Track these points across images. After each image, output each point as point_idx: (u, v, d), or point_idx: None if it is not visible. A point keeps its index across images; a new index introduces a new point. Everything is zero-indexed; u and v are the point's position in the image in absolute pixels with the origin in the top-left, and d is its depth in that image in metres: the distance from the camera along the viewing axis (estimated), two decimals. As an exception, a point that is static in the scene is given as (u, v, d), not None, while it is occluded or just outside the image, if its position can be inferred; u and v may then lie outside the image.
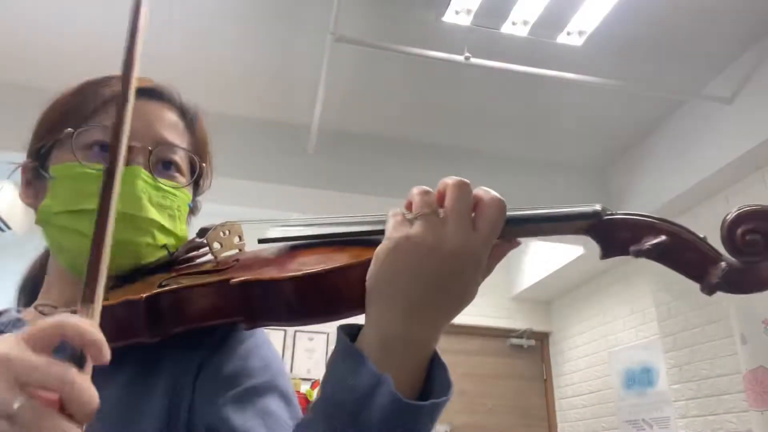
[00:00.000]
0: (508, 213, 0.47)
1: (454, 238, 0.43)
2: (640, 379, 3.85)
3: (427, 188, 0.46)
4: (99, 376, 0.54)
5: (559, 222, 0.48)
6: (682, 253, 0.45)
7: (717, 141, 2.96)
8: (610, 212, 0.47)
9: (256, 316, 0.50)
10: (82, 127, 0.63)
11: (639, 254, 0.44)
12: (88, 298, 0.38)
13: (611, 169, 3.84)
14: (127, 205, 0.60)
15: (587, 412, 4.50)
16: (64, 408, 0.32)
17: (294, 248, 0.58)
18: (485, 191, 0.46)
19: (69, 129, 0.63)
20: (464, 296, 0.45)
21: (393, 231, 0.45)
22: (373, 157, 3.50)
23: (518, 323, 5.17)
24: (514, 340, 5.15)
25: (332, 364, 0.44)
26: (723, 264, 0.44)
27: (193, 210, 0.73)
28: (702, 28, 2.69)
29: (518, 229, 0.48)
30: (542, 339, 5.25)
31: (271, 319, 0.49)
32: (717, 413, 3.04)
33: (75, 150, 0.62)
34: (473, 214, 0.45)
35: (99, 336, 0.34)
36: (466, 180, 0.45)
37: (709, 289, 0.43)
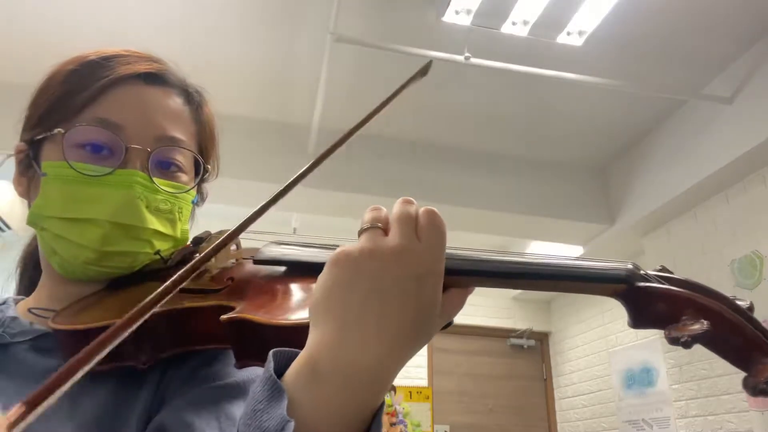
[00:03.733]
0: (525, 265, 0.42)
1: (394, 240, 0.38)
2: (640, 379, 3.85)
3: (379, 206, 0.42)
4: (84, 381, 0.53)
5: (580, 282, 0.41)
6: (726, 339, 0.38)
7: (717, 141, 2.96)
8: (643, 274, 0.41)
9: (245, 354, 0.47)
10: (75, 122, 0.58)
11: (676, 343, 0.37)
12: (32, 402, 0.32)
13: (611, 169, 3.84)
14: (124, 215, 0.57)
15: (587, 412, 4.50)
16: None
17: (291, 274, 0.54)
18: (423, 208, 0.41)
19: (59, 129, 0.58)
20: (410, 319, 0.37)
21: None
22: (373, 157, 3.50)
23: (518, 323, 5.17)
24: (514, 340, 5.15)
25: (253, 394, 0.37)
26: None
27: (198, 203, 0.69)
28: (702, 28, 2.69)
29: (530, 282, 0.43)
30: (542, 339, 5.25)
31: (263, 360, 0.43)
32: (717, 413, 3.04)
33: (65, 150, 0.57)
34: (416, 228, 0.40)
35: None
36: (410, 198, 0.42)
37: (753, 391, 0.36)
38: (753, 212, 2.91)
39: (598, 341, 4.47)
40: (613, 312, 4.29)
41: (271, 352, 0.38)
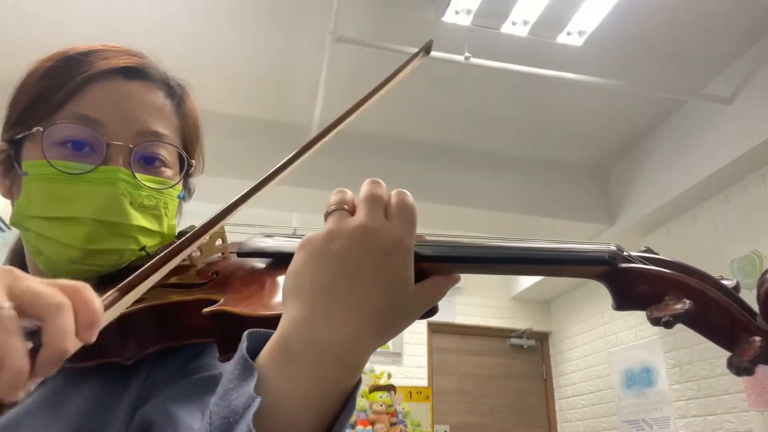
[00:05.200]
0: (503, 250, 0.41)
1: (358, 219, 0.39)
2: (640, 379, 3.85)
3: (343, 189, 0.42)
4: (71, 378, 0.53)
5: (563, 265, 0.41)
6: (709, 319, 0.37)
7: (717, 141, 2.96)
8: (626, 255, 0.40)
9: (228, 347, 0.47)
10: (54, 120, 0.57)
11: (657, 323, 0.36)
12: (124, 289, 0.36)
13: (611, 169, 3.84)
14: (108, 212, 0.56)
15: (587, 412, 4.50)
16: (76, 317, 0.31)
17: (276, 266, 0.54)
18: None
19: (38, 128, 0.57)
20: (380, 296, 0.37)
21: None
22: (373, 157, 3.50)
23: (518, 323, 5.17)
24: (514, 340, 5.15)
25: (226, 374, 0.37)
26: (757, 340, 0.36)
27: (184, 197, 0.68)
28: (702, 28, 2.69)
29: (512, 267, 0.42)
30: (542, 339, 5.25)
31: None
32: (717, 413, 3.04)
33: (45, 149, 0.56)
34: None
35: (100, 318, 0.33)
36: (378, 179, 0.42)
37: (736, 370, 0.36)
38: (753, 212, 2.91)
39: (598, 341, 4.47)
40: (613, 312, 4.29)
41: (245, 333, 0.38)
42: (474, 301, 5.05)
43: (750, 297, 0.39)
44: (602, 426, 4.28)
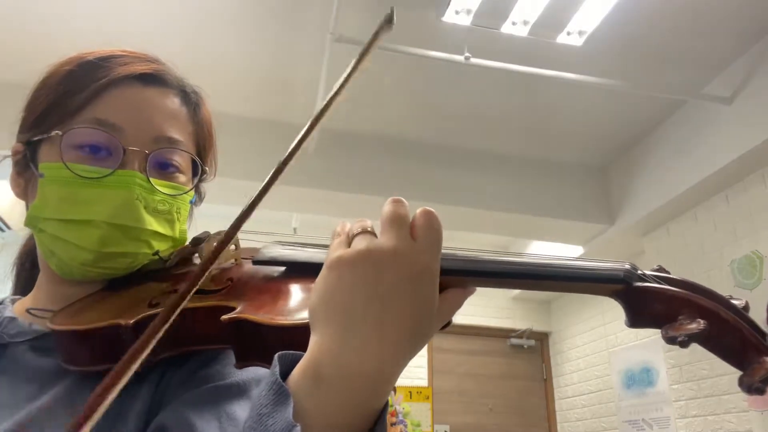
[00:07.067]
0: (524, 265, 0.42)
1: (389, 242, 0.38)
2: (640, 379, 3.85)
3: (363, 219, 0.43)
4: (82, 381, 0.53)
5: (578, 282, 0.42)
6: (722, 339, 0.39)
7: (717, 141, 2.96)
8: (640, 274, 0.41)
9: (245, 354, 0.48)
10: (72, 124, 0.58)
11: (673, 342, 0.37)
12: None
13: (611, 169, 3.84)
14: (123, 216, 0.57)
15: (587, 412, 4.50)
16: None
17: (291, 274, 0.55)
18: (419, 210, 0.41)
19: (57, 132, 0.58)
20: (410, 319, 0.38)
21: (330, 253, 0.40)
22: (373, 157, 3.50)
23: (518, 323, 5.17)
24: (514, 340, 5.15)
25: (258, 398, 0.37)
26: (767, 360, 0.37)
27: (196, 202, 0.70)
28: (702, 28, 2.69)
29: (529, 282, 0.43)
30: (542, 339, 5.25)
31: (263, 360, 0.44)
32: (717, 413, 3.04)
33: (63, 152, 0.57)
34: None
35: None
36: (400, 198, 0.42)
37: (747, 389, 0.37)
38: (753, 212, 2.91)
39: (598, 341, 4.47)
40: (613, 312, 4.29)
41: (276, 356, 0.38)
42: (474, 301, 5.04)
43: (751, 297, 0.40)
44: (602, 426, 4.28)
